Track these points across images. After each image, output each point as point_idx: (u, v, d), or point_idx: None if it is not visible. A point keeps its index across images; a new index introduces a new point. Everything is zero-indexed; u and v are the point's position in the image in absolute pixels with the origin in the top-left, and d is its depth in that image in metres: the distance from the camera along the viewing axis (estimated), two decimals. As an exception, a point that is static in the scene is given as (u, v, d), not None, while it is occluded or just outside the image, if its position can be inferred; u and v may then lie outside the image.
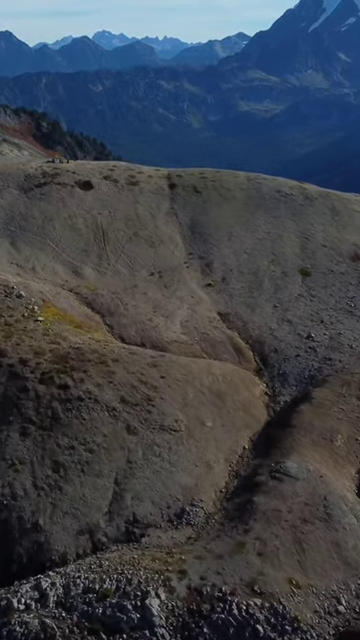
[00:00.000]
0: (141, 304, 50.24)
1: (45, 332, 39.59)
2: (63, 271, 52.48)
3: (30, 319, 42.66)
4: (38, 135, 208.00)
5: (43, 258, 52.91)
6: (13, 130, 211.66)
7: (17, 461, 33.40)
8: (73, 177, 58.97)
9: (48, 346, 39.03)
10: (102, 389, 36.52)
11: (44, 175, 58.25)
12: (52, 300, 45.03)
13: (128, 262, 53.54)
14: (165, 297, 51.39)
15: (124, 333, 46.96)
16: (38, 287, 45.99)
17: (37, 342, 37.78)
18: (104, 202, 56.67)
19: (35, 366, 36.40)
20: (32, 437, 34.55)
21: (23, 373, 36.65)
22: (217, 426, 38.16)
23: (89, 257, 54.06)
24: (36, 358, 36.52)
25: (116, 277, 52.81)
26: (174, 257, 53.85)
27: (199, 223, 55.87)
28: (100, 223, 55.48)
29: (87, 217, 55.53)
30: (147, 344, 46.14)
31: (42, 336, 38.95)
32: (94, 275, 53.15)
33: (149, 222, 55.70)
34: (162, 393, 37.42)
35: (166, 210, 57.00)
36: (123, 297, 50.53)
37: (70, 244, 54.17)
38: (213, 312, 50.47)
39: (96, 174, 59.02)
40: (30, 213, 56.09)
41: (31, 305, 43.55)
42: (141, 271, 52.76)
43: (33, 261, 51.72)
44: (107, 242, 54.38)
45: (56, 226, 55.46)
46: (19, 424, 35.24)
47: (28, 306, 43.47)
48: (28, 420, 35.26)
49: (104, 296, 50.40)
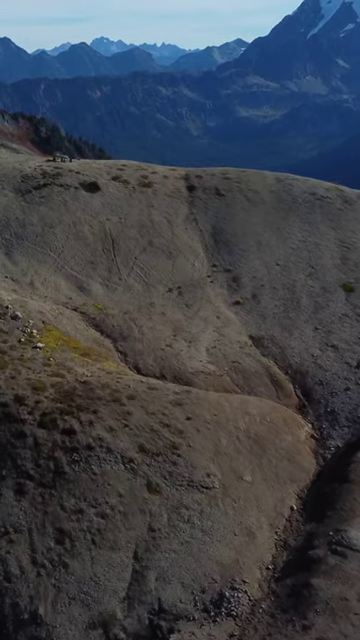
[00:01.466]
0: (159, 326, 43.84)
1: (46, 362, 34.28)
2: (66, 286, 46.80)
3: (28, 345, 36.60)
4: (37, 140, 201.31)
5: (43, 271, 46.84)
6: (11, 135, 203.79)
7: (11, 529, 26.74)
8: (77, 178, 50.79)
9: (50, 380, 32.93)
10: (116, 435, 30.27)
11: (44, 175, 50.03)
12: (54, 322, 39.83)
13: (142, 276, 45.26)
14: (187, 318, 45.32)
15: (140, 362, 40.46)
16: (37, 306, 40.90)
17: (36, 375, 32.52)
18: (113, 206, 48.48)
19: (34, 405, 30.96)
20: (30, 497, 27.97)
21: (19, 414, 30.60)
22: (257, 480, 31.50)
23: (97, 270, 48.05)
24: (35, 395, 31.44)
25: (128, 294, 46.64)
26: (195, 270, 45.77)
27: (223, 230, 47.80)
28: (109, 230, 47.32)
29: (94, 223, 47.37)
30: (168, 376, 39.65)
31: (42, 367, 33.52)
32: (103, 291, 46.78)
33: (165, 229, 47.52)
34: (190, 439, 31.05)
35: (185, 215, 48.87)
36: (137, 318, 44.23)
37: (74, 255, 48.78)
38: (244, 336, 42.50)
39: (103, 174, 50.78)
40: (28, 219, 50.41)
41: (29, 328, 38.11)
42: (157, 286, 44.55)
43: (31, 275, 45.79)
44: (117, 252, 46.29)
45: (58, 234, 47.33)
46: (14, 480, 28.53)
47: (25, 329, 37.90)
48: (25, 475, 28.65)
49: (115, 316, 44.27)
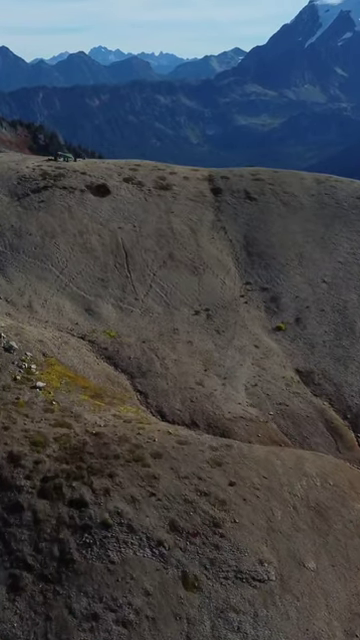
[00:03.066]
0: (185, 358, 37.04)
1: (48, 406, 28.42)
2: (72, 309, 39.74)
3: (25, 385, 30.32)
4: (35, 147, 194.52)
5: (43, 290, 40.09)
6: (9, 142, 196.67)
7: (2, 644, 19.24)
8: (83, 179, 42.45)
9: (53, 431, 26.67)
10: (140, 507, 23.23)
11: (44, 177, 41.73)
12: (57, 353, 33.87)
13: (163, 296, 36.95)
14: (219, 347, 38.82)
15: (165, 405, 33.42)
16: (37, 334, 35.04)
17: (35, 424, 26.52)
18: (126, 212, 40.19)
19: (33, 467, 24.43)
20: (28, 595, 20.97)
21: (14, 479, 23.95)
22: (324, 568, 24.16)
23: (108, 289, 41.40)
24: (34, 453, 24.88)
25: (147, 317, 39.90)
26: (226, 288, 37.33)
27: (257, 241, 39.59)
28: (121, 241, 39.02)
29: (103, 233, 39.07)
30: (200, 423, 32.58)
31: (43, 413, 27.75)
32: (116, 315, 39.71)
33: (188, 240, 39.18)
34: (235, 512, 23.95)
35: (211, 223, 40.59)
36: (159, 348, 37.45)
37: (81, 270, 41.86)
38: (289, 370, 34.05)
39: (114, 175, 42.43)
40: (25, 227, 44.23)
41: (26, 362, 32.19)
42: (181, 309, 36.16)
43: (29, 295, 39.65)
44: (132, 268, 38.16)
45: (61, 245, 39.63)
46: (7, 571, 21.30)
47: (22, 364, 31.89)
48: (22, 564, 21.45)
49: (131, 346, 37.41)
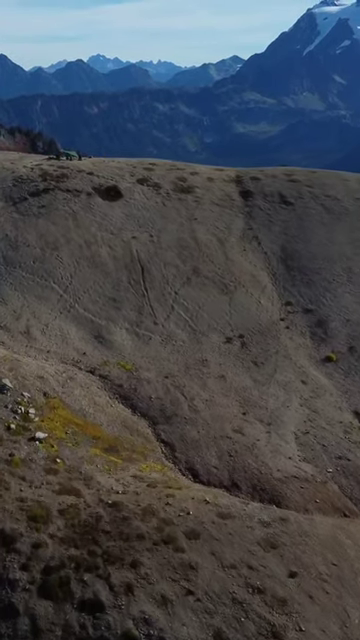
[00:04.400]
0: (219, 398, 30.74)
1: (50, 466, 22.39)
2: (78, 335, 33.46)
3: (21, 436, 24.37)
4: None
5: (44, 313, 33.96)
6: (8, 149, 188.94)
7: None
8: (90, 180, 35.53)
9: (57, 501, 20.59)
10: (174, 612, 17.14)
11: (44, 178, 34.90)
12: (61, 393, 27.73)
13: (187, 319, 30.05)
14: (258, 384, 32.37)
15: (197, 460, 27.08)
16: (36, 368, 29.00)
17: (35, 491, 20.49)
18: (141, 219, 33.37)
19: (31, 553, 18.26)
20: None
21: (6, 569, 17.79)
22: None
23: (121, 310, 35.16)
24: (33, 531, 18.80)
25: (169, 346, 33.73)
26: (262, 310, 30.15)
27: (296, 253, 32.90)
28: (136, 253, 31.99)
29: (115, 243, 32.21)
30: (243, 484, 26.20)
31: (44, 475, 21.57)
32: (131, 343, 33.44)
33: (216, 251, 32.25)
34: (300, 616, 17.87)
35: (241, 232, 33.98)
36: (186, 385, 31.21)
37: (88, 288, 35.65)
38: (346, 412, 27.10)
39: (126, 176, 35.66)
40: (22, 237, 37.55)
41: (23, 406, 25.74)
42: (210, 335, 31.26)
43: (27, 318, 33.35)
44: (150, 285, 31.81)
45: (65, 258, 36.30)
46: None
47: (18, 408, 25.53)
48: None
49: (152, 383, 31.09)
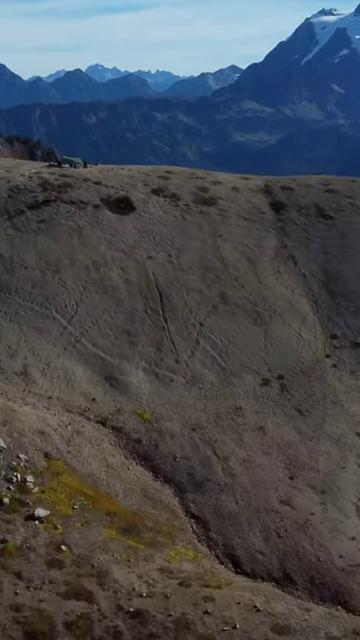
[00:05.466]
0: (259, 457, 25.40)
1: (54, 555, 18.65)
2: (86, 377, 27.89)
3: (17, 514, 19.78)
4: None
5: (45, 349, 28.51)
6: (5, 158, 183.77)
7: None
8: (97, 191, 30.05)
9: (63, 609, 17.45)
10: None
11: (44, 187, 29.44)
12: (66, 453, 23.07)
13: (215, 356, 28.53)
14: (305, 438, 26.82)
15: (238, 543, 21.74)
16: (35, 420, 24.21)
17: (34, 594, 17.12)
18: (157, 236, 27.94)
19: None
20: None
21: None
22: None
23: (137, 346, 29.57)
24: None
25: (195, 390, 28.00)
26: (304, 345, 24.17)
27: (340, 275, 27.54)
28: (153, 276, 25.94)
29: (128, 265, 26.44)
30: (297, 575, 21.01)
31: (46, 570, 17.92)
32: (150, 386, 27.91)
33: (246, 274, 26.53)
34: None
35: (274, 250, 28.53)
36: (217, 439, 26.01)
37: (97, 319, 29.98)
38: None
39: (138, 185, 30.48)
40: (19, 257, 31.85)
41: (19, 472, 21.51)
42: (244, 375, 29.84)
43: (24, 356, 27.82)
44: (170, 315, 30.35)
45: (69, 282, 32.08)
46: None
47: (13, 475, 21.28)
48: None
49: (176, 437, 25.65)
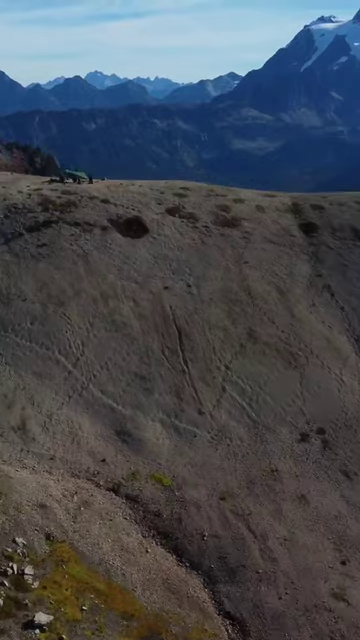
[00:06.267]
0: (303, 534, 20.97)
1: None
2: (94, 432, 23.76)
3: (13, 619, 16.60)
4: (31, 171, 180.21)
5: (46, 398, 24.35)
6: (5, 165, 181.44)
7: None
8: (105, 210, 25.36)
9: None
10: None
11: (45, 207, 24.82)
12: (71, 532, 19.36)
13: (244, 405, 26.66)
14: (354, 508, 22.11)
15: None
16: (35, 489, 20.50)
17: None
18: (174, 263, 23.77)
19: None
20: None
21: None
22: None
23: (153, 394, 25.43)
24: None
25: (222, 447, 24.02)
26: (347, 391, 19.74)
27: None
28: (171, 310, 21.33)
29: (141, 297, 22.07)
30: None
31: None
32: (169, 442, 23.81)
33: (276, 306, 21.75)
34: None
35: (307, 279, 24.17)
36: (251, 511, 21.52)
37: (107, 362, 25.75)
38: None
39: (151, 204, 26.05)
40: (16, 288, 27.80)
41: (16, 561, 17.99)
42: (278, 429, 25.31)
43: (22, 406, 23.73)
44: (191, 356, 28.24)
45: (74, 318, 27.83)
46: None
47: (8, 566, 17.81)
48: None
49: (202, 508, 21.43)
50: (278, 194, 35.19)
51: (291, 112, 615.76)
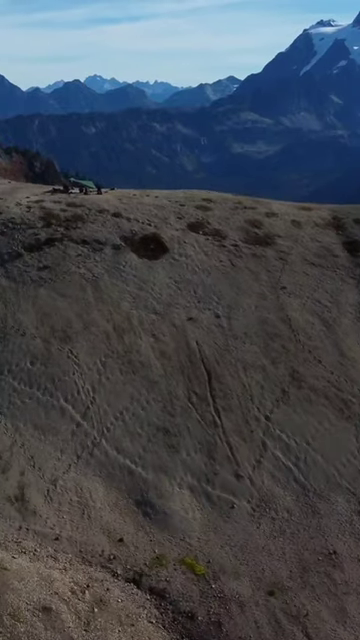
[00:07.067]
0: None
1: None
2: (108, 501, 19.32)
3: None
4: (31, 175, 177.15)
5: (50, 458, 19.81)
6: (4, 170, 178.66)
7: None
8: (116, 225, 20.49)
9: None
10: None
11: (47, 222, 20.02)
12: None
13: (290, 466, 20.67)
14: None
15: None
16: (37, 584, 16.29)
17: None
18: (200, 289, 18.90)
19: None
20: None
21: None
22: None
23: (179, 452, 20.64)
24: None
25: (266, 520, 18.92)
26: None
27: None
28: (197, 347, 17.52)
29: (162, 330, 17.67)
30: None
31: None
32: (200, 515, 18.93)
33: (322, 342, 16.88)
34: None
35: (355, 308, 20.09)
36: (308, 610, 17.14)
37: (123, 411, 21.40)
38: None
39: (171, 219, 21.35)
40: (13, 319, 23.62)
41: None
42: (333, 497, 19.95)
43: (20, 469, 19.57)
44: (224, 404, 21.92)
45: (82, 356, 22.95)
46: None
47: None
48: None
49: (246, 607, 17.18)
50: (314, 206, 30.91)
51: (291, 116, 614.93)
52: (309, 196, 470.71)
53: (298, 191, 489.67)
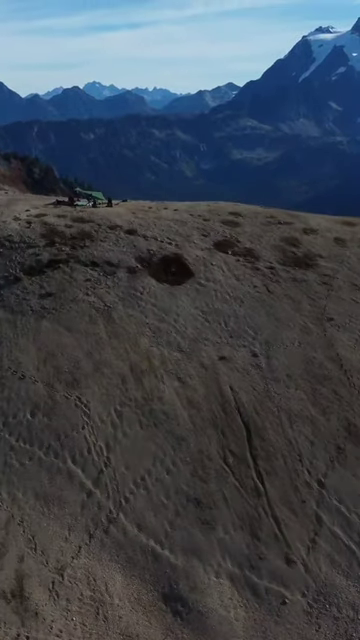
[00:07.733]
0: None
1: None
2: (128, 594, 14.98)
3: None
4: (30, 182, 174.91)
5: (55, 538, 15.47)
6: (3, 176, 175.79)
7: None
8: (132, 245, 16.38)
9: None
10: None
11: (51, 240, 15.76)
12: None
13: (352, 546, 15.93)
14: None
15: None
16: None
17: None
18: (232, 320, 15.02)
19: None
20: None
21: None
22: None
23: (214, 528, 16.11)
24: None
25: (327, 621, 14.59)
26: None
27: None
28: (231, 392, 14.61)
29: (188, 372, 14.39)
30: None
31: None
32: (244, 614, 14.62)
33: None
34: None
35: None
36: None
37: (145, 475, 16.97)
38: None
39: (194, 236, 17.27)
40: (9, 358, 19.50)
41: None
42: None
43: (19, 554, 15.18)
44: (267, 466, 17.08)
45: (93, 405, 18.14)
46: None
47: None
48: None
49: None
50: (353, 220, 27.00)
51: (290, 122, 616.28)
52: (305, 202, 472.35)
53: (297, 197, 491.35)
